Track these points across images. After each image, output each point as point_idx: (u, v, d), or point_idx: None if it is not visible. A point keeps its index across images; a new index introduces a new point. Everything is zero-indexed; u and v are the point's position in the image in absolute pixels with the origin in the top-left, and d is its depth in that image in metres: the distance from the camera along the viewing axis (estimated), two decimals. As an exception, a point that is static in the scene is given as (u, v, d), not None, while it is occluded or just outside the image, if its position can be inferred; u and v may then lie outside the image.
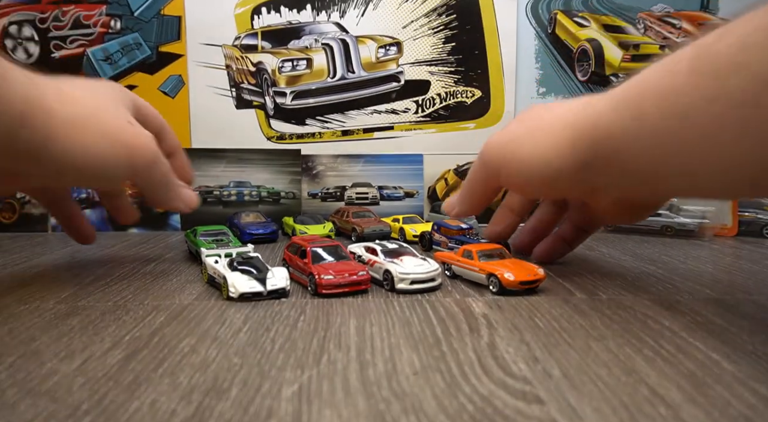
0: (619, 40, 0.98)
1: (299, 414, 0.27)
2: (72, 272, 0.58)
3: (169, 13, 0.96)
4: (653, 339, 0.36)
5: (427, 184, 0.97)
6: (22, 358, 0.34)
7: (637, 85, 0.42)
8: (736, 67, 0.33)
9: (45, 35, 0.94)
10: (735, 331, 0.38)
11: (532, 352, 0.34)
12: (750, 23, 0.33)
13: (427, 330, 0.39)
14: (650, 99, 0.40)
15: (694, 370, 0.31)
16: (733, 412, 0.26)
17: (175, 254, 0.69)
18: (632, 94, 0.42)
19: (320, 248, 0.53)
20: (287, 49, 0.97)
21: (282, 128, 0.98)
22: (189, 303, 0.46)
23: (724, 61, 0.34)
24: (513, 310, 0.44)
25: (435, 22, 0.97)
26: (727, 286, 0.51)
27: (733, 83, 0.33)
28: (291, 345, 0.36)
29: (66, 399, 0.28)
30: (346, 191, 0.94)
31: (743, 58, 0.32)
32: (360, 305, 0.45)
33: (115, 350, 0.35)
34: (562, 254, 0.62)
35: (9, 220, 0.89)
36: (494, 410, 0.27)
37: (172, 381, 0.30)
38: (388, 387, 0.29)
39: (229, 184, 0.91)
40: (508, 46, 0.98)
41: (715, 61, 0.34)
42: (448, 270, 0.56)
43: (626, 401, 0.28)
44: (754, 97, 0.32)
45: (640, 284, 0.52)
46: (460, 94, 0.99)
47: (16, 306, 0.45)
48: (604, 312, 0.43)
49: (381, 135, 0.99)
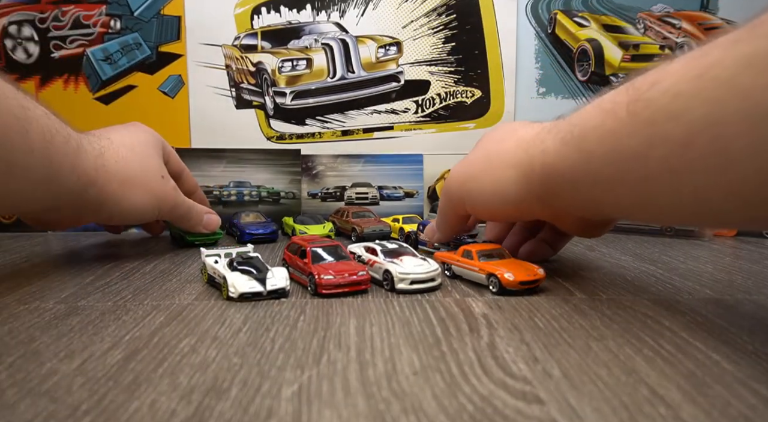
0: (619, 40, 0.98)
1: (299, 414, 0.27)
2: (72, 272, 0.58)
3: (169, 13, 0.96)
4: (653, 339, 0.36)
5: (427, 184, 0.98)
6: (22, 358, 0.34)
7: (581, 125, 0.43)
8: (669, 115, 0.34)
9: (45, 35, 0.94)
10: (735, 331, 0.38)
11: (532, 352, 0.34)
12: (679, 71, 0.35)
13: (427, 330, 0.39)
14: (593, 140, 0.42)
15: (694, 370, 0.31)
16: (733, 412, 0.26)
17: (175, 254, 0.69)
18: (576, 135, 0.44)
19: (320, 248, 0.53)
20: (287, 49, 0.97)
21: (282, 128, 0.98)
22: (189, 303, 0.46)
23: (658, 107, 0.35)
24: (513, 310, 0.44)
25: (435, 22, 0.97)
26: (727, 286, 0.51)
27: (668, 129, 0.35)
28: (291, 345, 0.36)
29: (66, 399, 0.28)
30: (346, 191, 0.94)
31: (676, 106, 0.34)
32: (360, 306, 0.45)
33: (115, 350, 0.35)
34: (545, 255, 0.62)
35: (9, 220, 0.89)
36: (494, 410, 0.27)
37: (172, 381, 0.30)
38: (388, 387, 0.29)
39: (229, 184, 0.91)
40: (508, 46, 0.98)
41: (649, 107, 0.36)
42: (448, 270, 0.56)
43: (626, 401, 0.28)
44: (688, 142, 0.34)
45: (640, 284, 0.52)
46: (460, 94, 0.99)
47: (15, 306, 0.45)
48: (604, 312, 0.43)
49: (381, 135, 0.99)
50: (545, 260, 0.62)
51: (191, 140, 0.97)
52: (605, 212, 0.48)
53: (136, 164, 0.63)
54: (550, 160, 0.47)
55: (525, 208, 0.52)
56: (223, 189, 0.91)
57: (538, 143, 0.49)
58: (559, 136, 0.46)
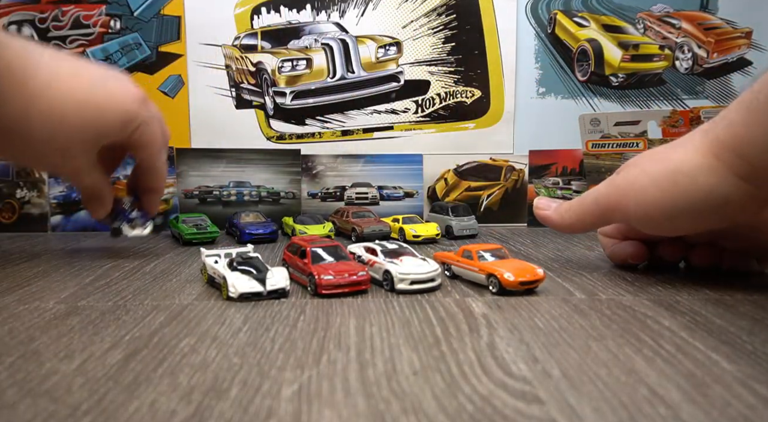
0: (619, 40, 0.98)
1: (299, 414, 0.27)
2: (72, 272, 0.58)
3: (169, 13, 0.96)
4: (653, 339, 0.36)
5: (426, 184, 0.98)
6: (22, 358, 0.34)
7: (765, 90, 0.40)
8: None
9: (44, 35, 0.94)
10: (735, 331, 0.38)
11: (531, 352, 0.34)
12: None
13: (426, 330, 0.39)
14: None
15: (693, 370, 0.31)
16: (732, 412, 0.26)
17: (175, 254, 0.69)
18: (763, 100, 0.40)
19: (320, 249, 0.53)
20: (287, 49, 0.97)
21: (282, 128, 0.98)
22: (189, 303, 0.46)
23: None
24: (513, 310, 0.44)
25: (435, 22, 0.97)
26: (727, 286, 0.51)
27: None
28: (291, 345, 0.36)
29: (66, 399, 0.28)
30: (345, 191, 0.94)
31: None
32: (360, 306, 0.45)
33: (115, 350, 0.35)
34: (748, 266, 0.55)
35: (9, 220, 0.89)
36: (494, 410, 0.27)
37: (172, 381, 0.30)
38: (388, 387, 0.29)
39: (229, 184, 0.91)
40: (507, 46, 0.98)
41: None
42: (447, 271, 0.56)
43: (626, 401, 0.28)
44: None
45: (639, 284, 0.52)
46: (460, 94, 0.99)
47: (15, 306, 0.45)
48: (603, 312, 0.43)
49: (381, 135, 0.99)
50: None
51: (191, 140, 0.97)
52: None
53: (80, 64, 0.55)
54: (741, 131, 0.42)
55: (734, 201, 0.43)
56: (223, 189, 0.91)
57: (717, 121, 0.44)
58: (743, 105, 0.42)
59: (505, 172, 0.98)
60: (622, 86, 1.00)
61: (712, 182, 0.44)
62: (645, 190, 0.48)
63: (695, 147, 0.45)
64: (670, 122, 0.79)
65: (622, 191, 0.50)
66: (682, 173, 0.45)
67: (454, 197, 0.98)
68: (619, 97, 1.00)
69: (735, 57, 0.99)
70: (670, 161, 0.46)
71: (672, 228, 0.49)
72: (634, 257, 0.57)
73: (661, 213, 0.47)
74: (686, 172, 0.45)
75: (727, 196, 0.44)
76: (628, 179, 0.50)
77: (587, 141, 0.87)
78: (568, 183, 0.95)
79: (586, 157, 0.88)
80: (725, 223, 0.47)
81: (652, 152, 0.51)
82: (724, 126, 0.43)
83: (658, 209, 0.47)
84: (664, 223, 0.48)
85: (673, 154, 0.47)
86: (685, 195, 0.45)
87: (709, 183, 0.44)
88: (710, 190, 0.44)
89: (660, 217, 0.47)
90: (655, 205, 0.47)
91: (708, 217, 0.46)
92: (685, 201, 0.45)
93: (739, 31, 0.99)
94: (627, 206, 0.49)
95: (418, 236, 0.76)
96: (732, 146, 0.43)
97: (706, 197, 0.44)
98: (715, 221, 0.47)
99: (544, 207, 0.58)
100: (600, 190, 0.53)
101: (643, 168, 0.49)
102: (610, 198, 0.51)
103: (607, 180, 0.53)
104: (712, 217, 0.46)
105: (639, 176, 0.49)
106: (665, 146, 0.50)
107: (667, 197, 0.46)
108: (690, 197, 0.45)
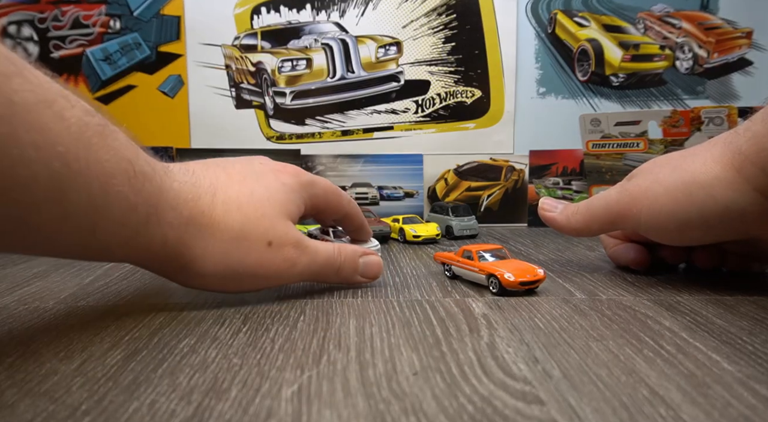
0: (619, 40, 0.98)
1: (299, 414, 0.27)
2: (71, 272, 0.58)
3: (169, 13, 0.96)
4: (653, 339, 0.36)
5: (427, 184, 0.98)
6: (21, 358, 0.34)
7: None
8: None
9: (44, 35, 0.94)
10: (735, 331, 0.38)
11: (532, 352, 0.34)
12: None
13: (427, 330, 0.39)
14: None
15: (694, 370, 0.31)
16: (733, 413, 0.26)
17: (175, 254, 0.69)
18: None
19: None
20: (287, 49, 0.97)
21: (282, 128, 0.98)
22: (188, 303, 0.46)
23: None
24: (513, 310, 0.44)
25: (435, 22, 0.97)
26: (727, 286, 0.51)
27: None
28: (291, 346, 0.36)
29: (65, 400, 0.28)
30: (345, 191, 0.94)
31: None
32: (360, 306, 0.45)
33: (115, 350, 0.35)
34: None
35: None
36: (494, 410, 0.27)
37: (172, 381, 0.30)
38: (388, 387, 0.29)
39: (229, 184, 0.91)
40: (508, 46, 0.98)
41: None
42: (448, 271, 0.56)
43: (626, 401, 0.28)
44: None
45: (640, 285, 0.52)
46: (460, 94, 0.99)
47: (15, 307, 0.45)
48: (604, 312, 0.43)
49: (381, 135, 0.99)
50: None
51: (191, 140, 0.97)
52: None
53: (235, 224, 0.42)
54: (767, 145, 0.40)
55: (752, 213, 0.42)
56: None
57: (740, 133, 0.42)
58: (766, 115, 0.40)
59: (505, 172, 0.98)
60: (622, 86, 1.00)
61: (730, 195, 0.43)
62: (658, 199, 0.47)
63: (714, 158, 0.44)
64: (671, 121, 0.79)
65: (634, 199, 0.49)
66: (698, 185, 0.44)
67: (454, 197, 0.98)
68: (619, 98, 1.00)
69: (735, 57, 0.99)
70: (686, 171, 0.45)
71: (682, 239, 0.49)
72: (636, 264, 0.56)
73: (673, 224, 0.46)
74: (703, 184, 0.44)
75: (744, 210, 0.42)
76: (641, 187, 0.49)
77: (588, 141, 0.87)
78: (569, 183, 0.95)
79: (587, 157, 0.88)
80: (738, 237, 0.46)
81: (666, 158, 0.50)
82: (748, 138, 0.42)
83: (671, 219, 0.46)
84: (675, 234, 0.47)
85: (690, 164, 0.46)
86: (699, 208, 0.44)
87: (726, 197, 0.43)
88: (727, 204, 0.43)
89: (672, 228, 0.47)
90: (668, 216, 0.46)
91: (721, 230, 0.45)
92: (699, 214, 0.44)
93: (740, 31, 0.99)
94: (638, 215, 0.49)
95: (419, 236, 0.76)
96: (756, 159, 0.41)
97: (722, 211, 0.43)
98: (728, 235, 0.46)
99: (550, 208, 0.57)
100: (611, 195, 0.52)
101: (657, 176, 0.48)
102: (621, 205, 0.50)
103: (618, 186, 0.52)
104: (726, 230, 0.45)
105: (653, 185, 0.48)
106: (680, 152, 0.49)
107: (681, 208, 0.45)
108: (705, 210, 0.44)
